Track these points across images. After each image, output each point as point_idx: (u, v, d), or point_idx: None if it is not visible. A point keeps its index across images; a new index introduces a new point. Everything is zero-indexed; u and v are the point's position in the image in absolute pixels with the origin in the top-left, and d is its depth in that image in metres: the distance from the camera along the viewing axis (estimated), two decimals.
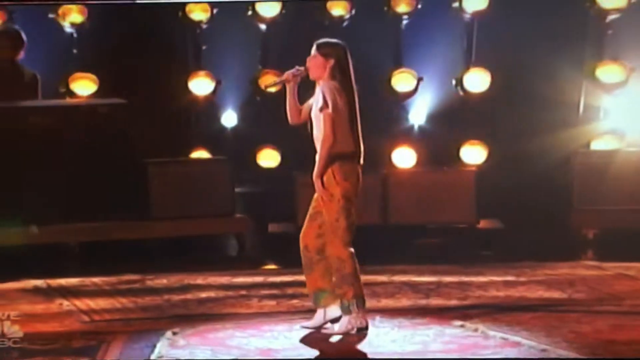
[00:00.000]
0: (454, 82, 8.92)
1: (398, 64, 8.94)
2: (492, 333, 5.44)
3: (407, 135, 8.92)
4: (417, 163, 8.73)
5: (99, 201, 7.58)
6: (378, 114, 8.84)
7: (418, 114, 9.02)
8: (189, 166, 8.09)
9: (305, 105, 5.54)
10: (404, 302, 6.30)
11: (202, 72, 8.79)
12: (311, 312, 5.59)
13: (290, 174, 8.30)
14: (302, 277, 5.55)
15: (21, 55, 7.88)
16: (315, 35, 8.84)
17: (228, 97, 8.99)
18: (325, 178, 5.46)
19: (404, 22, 8.94)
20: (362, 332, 5.44)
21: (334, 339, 5.41)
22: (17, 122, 7.68)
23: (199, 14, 8.82)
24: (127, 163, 7.73)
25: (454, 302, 6.27)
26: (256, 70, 8.94)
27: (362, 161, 5.58)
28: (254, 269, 7.46)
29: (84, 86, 8.77)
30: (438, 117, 8.94)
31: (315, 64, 5.46)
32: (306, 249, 5.53)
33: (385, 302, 6.27)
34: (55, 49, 8.61)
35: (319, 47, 5.49)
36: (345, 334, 5.43)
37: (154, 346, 5.17)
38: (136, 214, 7.68)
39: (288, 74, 5.50)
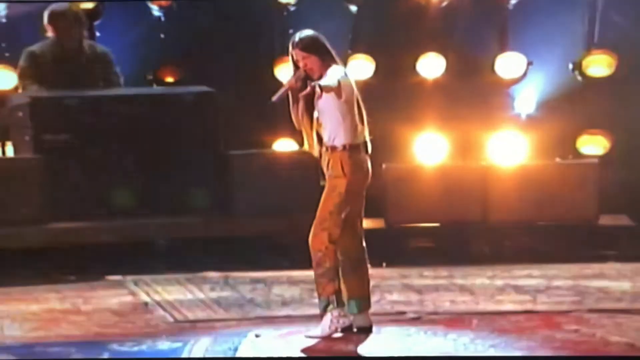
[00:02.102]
0: (570, 66, 8.56)
1: (504, 46, 8.64)
2: (614, 339, 5.17)
3: (513, 125, 8.62)
4: (525, 154, 8.43)
5: (181, 195, 7.55)
6: (479, 101, 8.59)
7: (527, 101, 8.70)
8: (273, 158, 7.96)
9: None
10: (507, 304, 6.09)
11: (288, 58, 8.69)
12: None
13: (380, 167, 8.14)
14: (389, 276, 5.39)
15: (84, 34, 7.88)
16: (411, 17, 8.75)
17: None
18: (333, 167, 5.35)
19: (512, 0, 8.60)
20: (348, 331, 5.33)
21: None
22: (101, 111, 7.70)
23: None
24: (211, 155, 7.66)
25: (566, 306, 6.01)
26: (346, 54, 8.79)
27: (370, 152, 5.48)
28: None
29: (170, 73, 8.78)
30: (551, 105, 8.59)
31: (312, 62, 5.40)
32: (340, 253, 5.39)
33: (484, 305, 6.08)
34: (144, 33, 8.64)
35: (303, 46, 5.42)
36: (330, 336, 5.32)
37: (236, 349, 5.17)
38: (219, 209, 7.59)
39: (290, 80, 5.44)
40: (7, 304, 6.20)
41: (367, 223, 8.19)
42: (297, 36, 5.47)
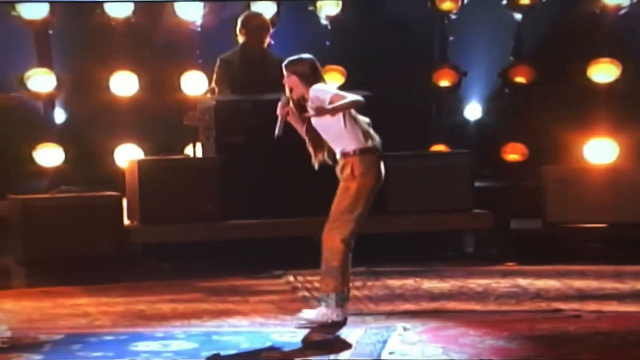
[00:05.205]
0: None
1: None
2: None
3: None
4: None
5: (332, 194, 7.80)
6: None
7: None
8: (427, 160, 8.12)
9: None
10: None
11: (445, 65, 8.86)
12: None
13: (539, 169, 8.20)
14: (546, 275, 5.30)
15: (269, 41, 8.20)
16: (578, 25, 8.69)
17: (473, 89, 8.99)
18: (344, 171, 5.59)
19: None
20: (337, 324, 5.52)
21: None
22: (271, 113, 8.04)
23: (448, 4, 8.87)
24: None
25: None
26: (507, 61, 8.87)
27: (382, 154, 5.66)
28: (493, 265, 7.40)
29: (333, 78, 9.09)
30: None
31: (291, 83, 5.62)
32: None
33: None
34: (311, 41, 8.99)
35: (286, 67, 5.63)
36: (320, 324, 5.54)
37: (385, 342, 5.33)
38: (373, 208, 7.80)
39: (279, 110, 5.66)
40: (189, 296, 6.55)
41: (520, 223, 8.39)
42: (288, 59, 5.70)
